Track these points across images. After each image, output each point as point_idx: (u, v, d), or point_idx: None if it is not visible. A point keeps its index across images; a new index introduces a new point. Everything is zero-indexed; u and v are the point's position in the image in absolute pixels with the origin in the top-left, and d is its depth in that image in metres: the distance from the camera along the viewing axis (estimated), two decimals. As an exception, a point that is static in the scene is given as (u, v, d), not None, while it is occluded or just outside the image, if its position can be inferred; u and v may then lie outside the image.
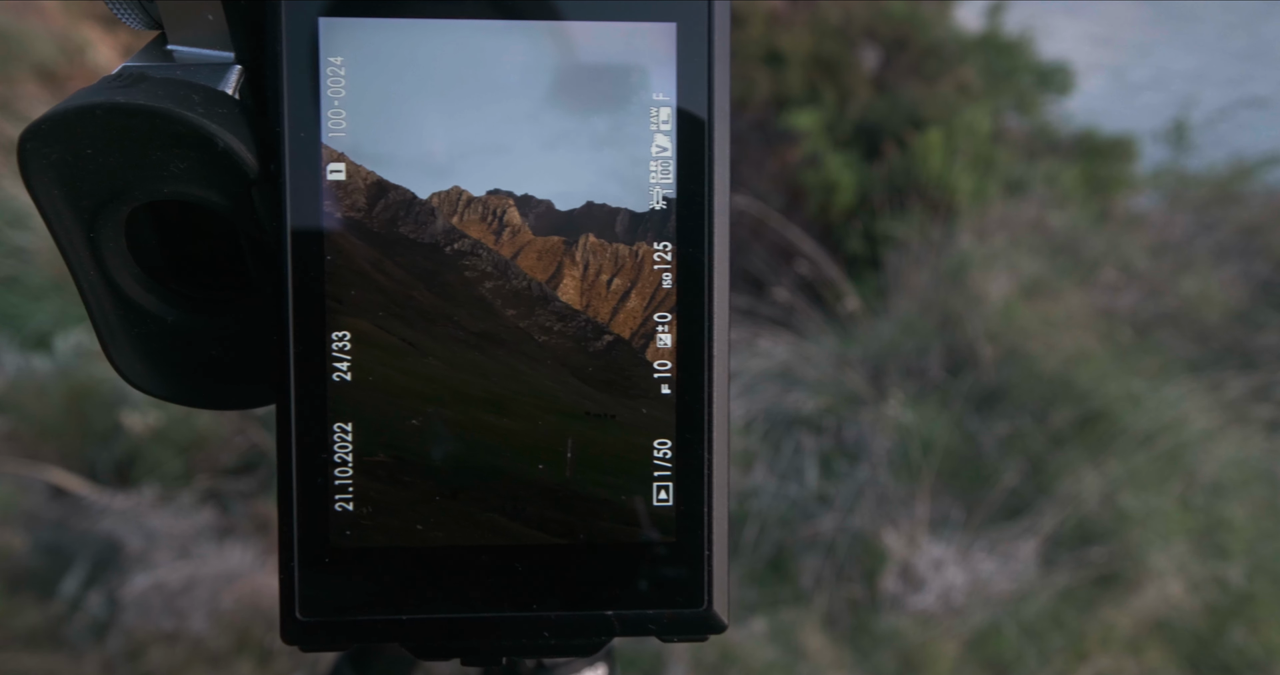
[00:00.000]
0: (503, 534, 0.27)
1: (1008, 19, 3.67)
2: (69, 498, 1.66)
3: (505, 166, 0.26)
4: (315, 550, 0.26)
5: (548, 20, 0.26)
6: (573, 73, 0.26)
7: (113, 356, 0.29)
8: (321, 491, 0.26)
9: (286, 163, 0.26)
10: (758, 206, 2.44)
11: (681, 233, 0.27)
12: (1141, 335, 2.28)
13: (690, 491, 0.27)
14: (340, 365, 0.26)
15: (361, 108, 0.26)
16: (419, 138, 0.26)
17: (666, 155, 0.26)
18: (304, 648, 0.26)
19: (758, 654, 1.57)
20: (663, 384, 0.27)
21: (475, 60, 0.26)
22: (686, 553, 0.27)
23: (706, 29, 0.26)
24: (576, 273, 0.27)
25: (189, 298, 0.29)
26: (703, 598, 0.27)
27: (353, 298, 0.26)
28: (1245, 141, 3.11)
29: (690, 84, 0.26)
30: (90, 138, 0.25)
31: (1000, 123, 3.27)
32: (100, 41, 2.65)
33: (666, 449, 0.27)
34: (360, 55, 0.26)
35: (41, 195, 0.26)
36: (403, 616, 0.26)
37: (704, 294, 0.27)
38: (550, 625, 0.27)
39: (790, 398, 2.03)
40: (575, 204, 0.27)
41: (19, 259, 2.12)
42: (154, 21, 0.28)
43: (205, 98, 0.26)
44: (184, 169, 0.26)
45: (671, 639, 0.27)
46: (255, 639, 1.47)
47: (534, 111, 0.26)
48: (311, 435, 0.26)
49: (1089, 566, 1.72)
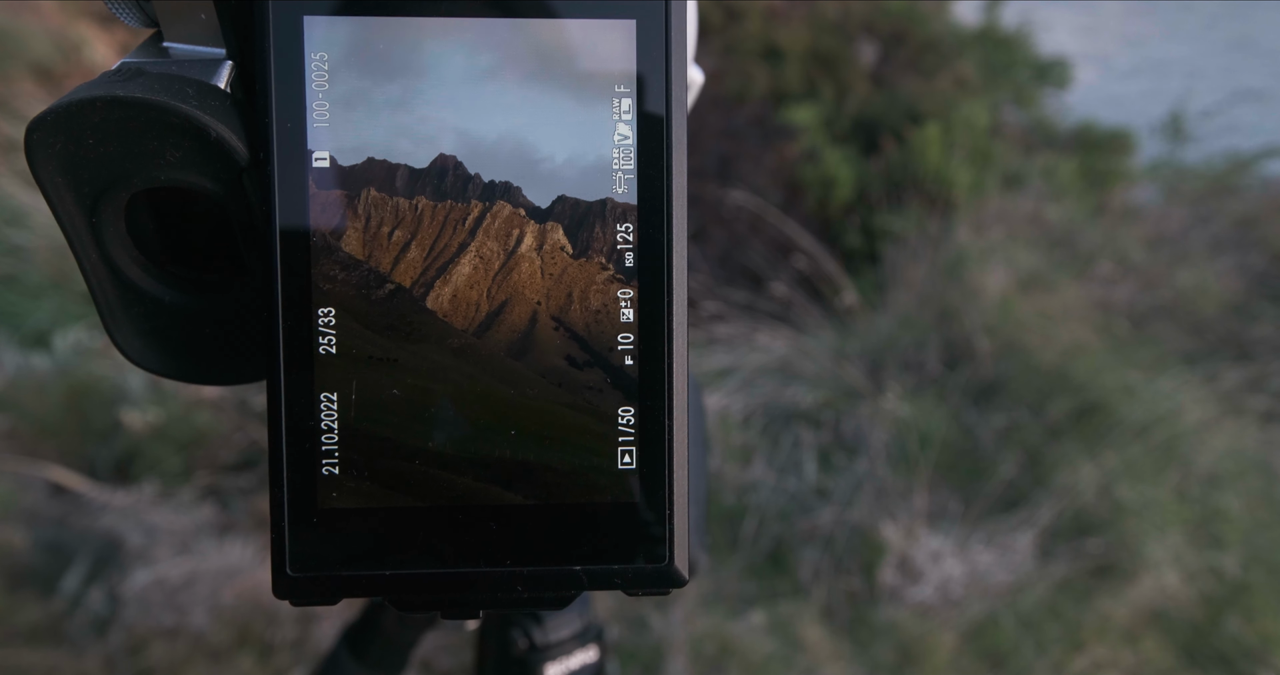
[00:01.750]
0: (478, 496, 0.28)
1: (1005, 14, 3.68)
2: (69, 495, 1.66)
3: (475, 155, 0.28)
4: (304, 511, 0.28)
5: (517, 18, 0.28)
6: (540, 66, 0.28)
7: (114, 334, 0.31)
8: (309, 456, 0.28)
9: (274, 151, 0.27)
10: (756, 202, 2.44)
11: (642, 215, 0.28)
12: (1138, 328, 2.29)
13: (652, 456, 0.29)
14: (325, 339, 0.28)
15: (343, 100, 0.28)
16: (397, 127, 0.28)
17: (628, 143, 0.28)
18: (294, 601, 0.28)
19: (757, 646, 1.57)
20: (626, 356, 0.29)
21: (449, 54, 0.28)
22: (649, 512, 0.29)
23: (664, 25, 0.28)
24: (537, 260, 0.29)
25: (185, 279, 0.31)
26: (664, 554, 0.29)
27: (336, 277, 0.28)
28: (1241, 135, 3.11)
29: (649, 76, 0.28)
30: (92, 129, 0.27)
31: (998, 117, 3.28)
32: (97, 39, 2.65)
33: (630, 416, 0.29)
34: (342, 51, 0.27)
35: (46, 183, 0.28)
36: (385, 572, 0.28)
37: (663, 271, 0.29)
38: (523, 580, 0.29)
39: (789, 392, 2.04)
40: (549, 200, 0.28)
41: (18, 258, 2.12)
42: (150, 20, 0.30)
43: (198, 91, 0.28)
44: (179, 158, 0.28)
45: (636, 592, 0.29)
46: (256, 634, 1.47)
47: (505, 101, 0.28)
48: (300, 404, 0.28)
49: (1086, 558, 1.73)
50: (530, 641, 0.57)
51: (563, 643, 0.57)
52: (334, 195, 0.28)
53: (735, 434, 1.94)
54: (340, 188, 0.28)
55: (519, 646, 0.57)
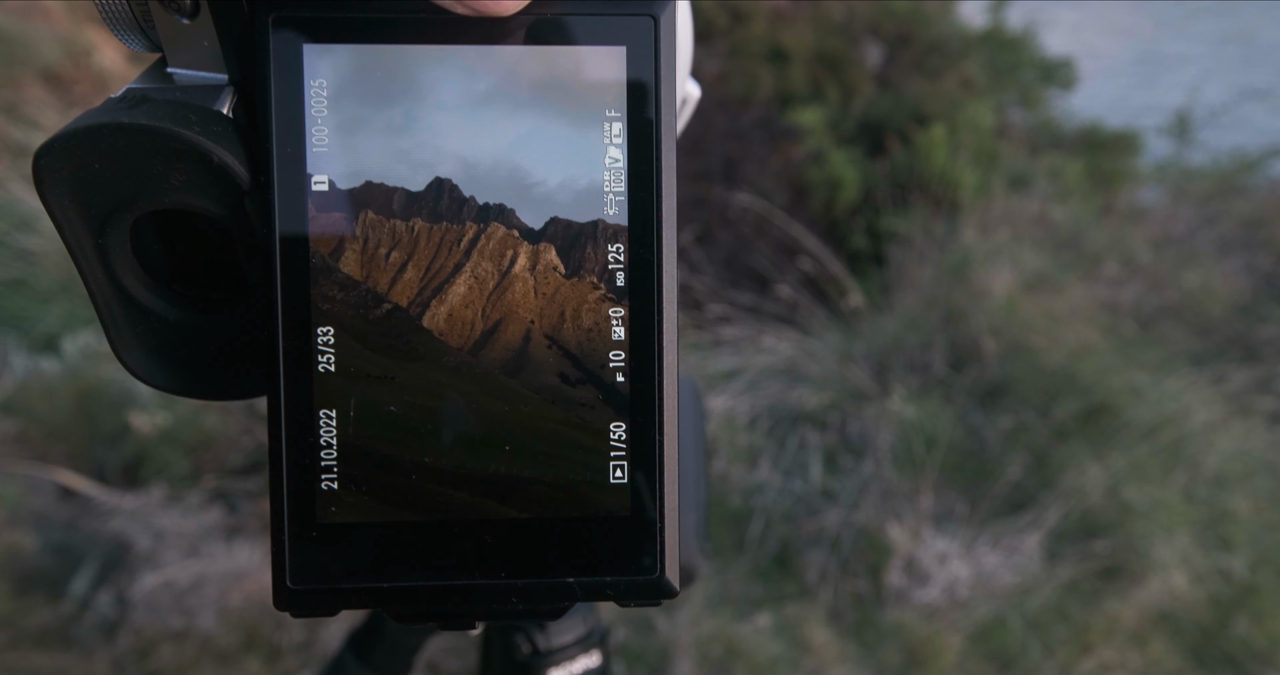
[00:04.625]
0: (474, 510, 0.29)
1: (1010, 14, 3.67)
2: (78, 498, 1.67)
3: (471, 178, 0.29)
4: (303, 525, 0.29)
5: (511, 46, 0.28)
6: (534, 92, 0.29)
7: (120, 352, 0.32)
8: (309, 472, 0.29)
9: (275, 175, 0.28)
10: (761, 203, 2.44)
11: (633, 236, 0.29)
12: (1144, 329, 2.28)
13: (644, 470, 0.30)
14: (324, 357, 0.29)
15: (342, 125, 0.28)
16: (395, 152, 0.29)
17: (619, 166, 0.29)
18: (294, 613, 0.29)
19: (762, 648, 1.58)
20: (618, 373, 0.29)
21: (445, 81, 0.28)
22: (640, 525, 0.30)
23: (654, 51, 0.29)
24: (530, 280, 0.30)
25: (189, 298, 0.32)
26: (655, 566, 0.30)
27: (335, 297, 0.29)
28: (1248, 134, 3.10)
29: (639, 101, 0.29)
30: (98, 154, 0.28)
31: (1003, 118, 3.27)
32: (105, 44, 2.67)
33: (622, 431, 0.29)
34: (340, 78, 0.28)
35: (55, 206, 0.29)
36: (383, 584, 0.29)
37: (654, 291, 0.29)
38: (518, 591, 0.30)
39: (794, 394, 2.04)
40: (541, 222, 0.29)
41: (26, 262, 2.14)
42: (154, 45, 0.31)
43: (201, 117, 0.29)
44: (183, 182, 0.29)
45: (628, 603, 0.30)
46: (263, 637, 1.48)
47: (500, 127, 0.29)
48: (299, 421, 0.29)
49: (1092, 559, 1.73)
50: (533, 646, 0.58)
51: (566, 647, 0.58)
52: (333, 218, 0.28)
53: (741, 435, 1.94)
54: (339, 211, 0.28)
55: (522, 651, 0.58)
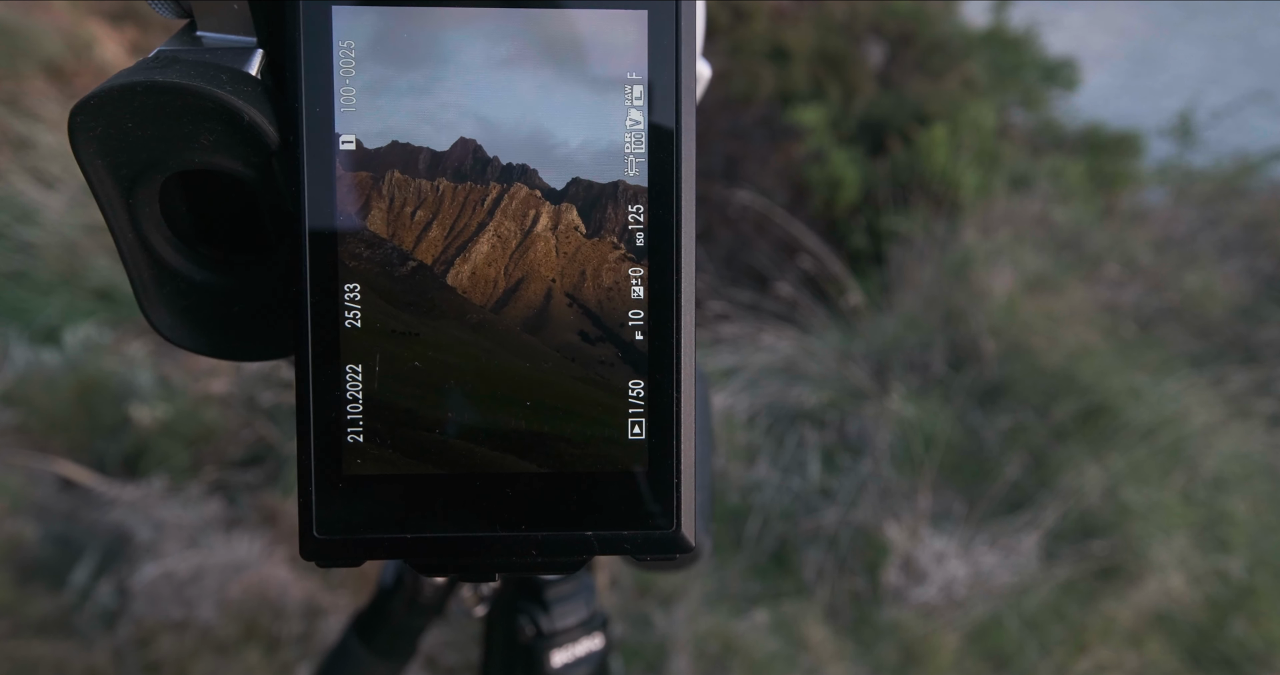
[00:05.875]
0: (494, 464, 0.30)
1: (1013, 14, 3.67)
2: (78, 489, 1.67)
3: (494, 139, 0.29)
4: (330, 477, 0.29)
5: (534, 8, 0.29)
6: (556, 54, 0.29)
7: (147, 312, 0.32)
8: (335, 425, 0.29)
9: (303, 135, 0.29)
10: (761, 202, 2.44)
11: (653, 197, 0.30)
12: (1144, 330, 2.29)
13: (661, 427, 0.30)
14: (350, 314, 0.29)
15: (369, 86, 0.29)
16: (420, 112, 0.29)
17: (639, 128, 0.30)
18: (320, 562, 0.30)
19: (760, 646, 1.58)
20: (636, 331, 0.30)
21: (469, 43, 0.29)
22: (657, 481, 0.30)
23: (675, 15, 0.29)
24: (552, 240, 0.30)
25: (215, 260, 0.33)
26: (672, 521, 0.30)
27: (361, 255, 0.29)
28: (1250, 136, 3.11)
29: (660, 64, 0.29)
30: (130, 113, 0.28)
31: (1005, 118, 3.28)
32: (107, 38, 2.66)
33: (640, 389, 0.30)
34: (368, 39, 0.29)
35: (87, 165, 0.29)
36: (406, 535, 0.30)
37: (673, 251, 0.30)
38: (537, 544, 0.30)
39: (793, 392, 2.04)
40: (563, 182, 0.30)
41: (28, 254, 2.13)
42: (184, 11, 0.31)
43: (232, 77, 0.29)
44: (212, 141, 0.29)
45: (645, 557, 0.30)
46: (263, 628, 1.48)
47: (523, 88, 0.29)
48: (326, 375, 0.29)
49: (1090, 559, 1.73)
50: (537, 628, 0.58)
51: (569, 630, 0.58)
52: (360, 177, 0.29)
53: (740, 434, 1.94)
54: (366, 170, 0.29)
55: (525, 633, 0.58)
